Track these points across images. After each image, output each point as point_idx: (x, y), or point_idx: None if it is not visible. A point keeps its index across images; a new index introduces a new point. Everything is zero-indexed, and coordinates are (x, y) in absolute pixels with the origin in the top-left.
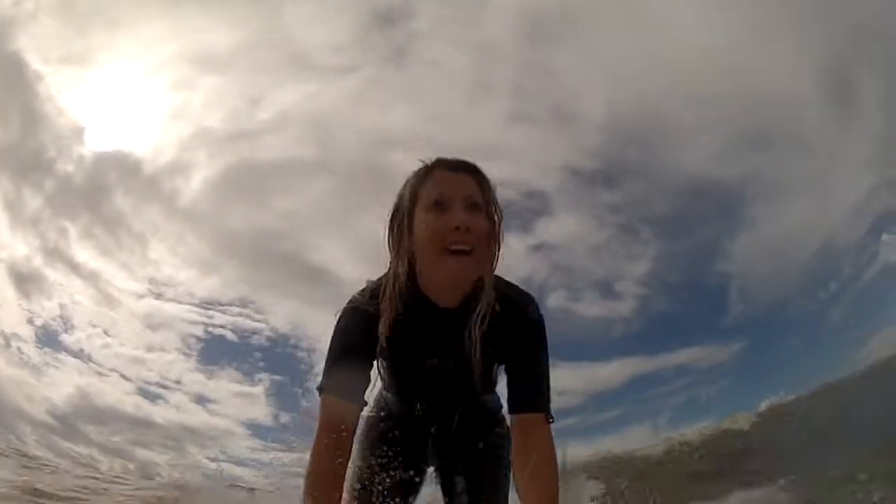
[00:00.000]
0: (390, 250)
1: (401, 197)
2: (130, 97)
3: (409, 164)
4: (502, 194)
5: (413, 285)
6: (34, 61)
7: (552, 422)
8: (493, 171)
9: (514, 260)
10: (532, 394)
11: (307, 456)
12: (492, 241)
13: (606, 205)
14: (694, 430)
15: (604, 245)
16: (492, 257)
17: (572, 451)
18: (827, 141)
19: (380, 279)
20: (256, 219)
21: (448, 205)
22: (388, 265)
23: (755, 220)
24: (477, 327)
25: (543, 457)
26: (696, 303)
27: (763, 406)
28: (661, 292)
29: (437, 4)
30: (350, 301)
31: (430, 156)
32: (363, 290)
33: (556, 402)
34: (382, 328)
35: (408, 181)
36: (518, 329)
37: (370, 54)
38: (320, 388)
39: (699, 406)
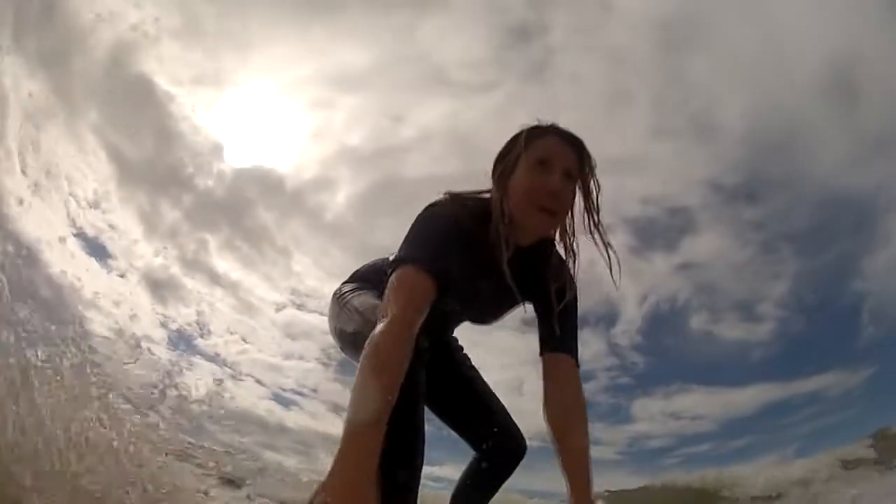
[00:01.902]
0: (495, 186)
1: (513, 142)
2: (268, 116)
3: None
4: (646, 211)
5: None
6: (163, 82)
7: (579, 368)
8: (636, 185)
9: (659, 279)
10: (568, 338)
11: (443, 471)
12: (573, 205)
13: (748, 221)
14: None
15: (746, 264)
16: (567, 218)
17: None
18: None
19: (473, 198)
20: (399, 233)
21: (550, 168)
22: (492, 198)
23: (889, 233)
24: (544, 267)
25: (575, 392)
26: (831, 325)
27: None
28: (798, 313)
29: (569, 15)
30: (450, 209)
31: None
32: (464, 205)
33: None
34: (477, 252)
35: (524, 131)
36: (565, 282)
37: (508, 70)
38: (405, 259)
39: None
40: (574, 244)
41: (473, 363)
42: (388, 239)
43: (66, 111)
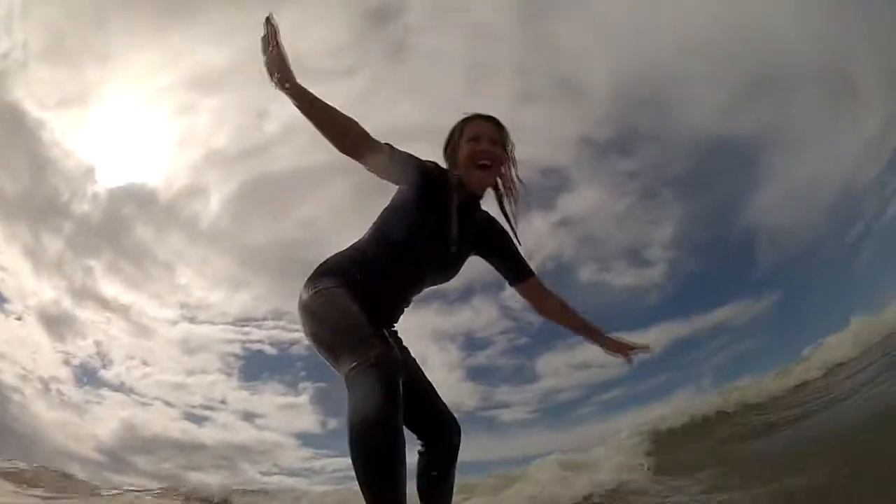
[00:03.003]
0: (447, 161)
1: (453, 131)
2: (135, 129)
3: (424, 154)
4: (520, 173)
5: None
6: (33, 109)
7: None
8: None
9: (540, 238)
10: (523, 264)
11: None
12: (504, 161)
13: (624, 172)
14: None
15: (627, 213)
16: (502, 169)
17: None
18: (835, 81)
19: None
20: (277, 231)
21: (479, 140)
22: (448, 169)
23: (773, 171)
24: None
25: (552, 297)
26: (726, 259)
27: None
28: (689, 254)
29: None
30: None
31: (438, 146)
32: (431, 162)
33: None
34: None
35: (458, 122)
36: (499, 226)
37: (369, 53)
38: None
39: (741, 364)
40: (512, 187)
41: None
42: (266, 237)
43: None
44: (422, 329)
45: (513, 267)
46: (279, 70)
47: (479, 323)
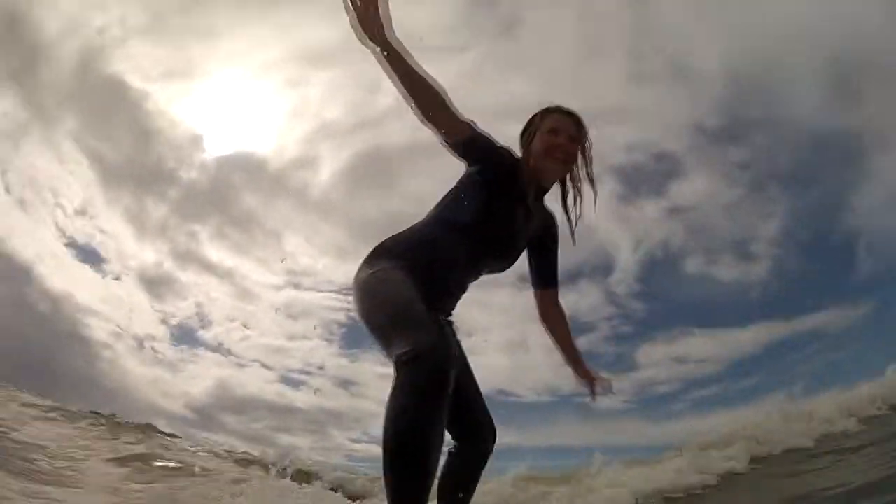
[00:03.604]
0: (522, 149)
1: (532, 120)
2: (244, 101)
3: None
4: (632, 158)
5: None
6: (135, 81)
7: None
8: (619, 133)
9: (651, 225)
10: (555, 275)
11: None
12: (578, 159)
13: (734, 162)
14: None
15: (736, 204)
16: (574, 165)
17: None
18: None
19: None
20: (386, 203)
21: (558, 133)
22: (521, 156)
23: (878, 170)
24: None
25: (561, 312)
26: (827, 261)
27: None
28: (792, 252)
29: None
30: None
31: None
32: (506, 148)
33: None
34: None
35: (539, 112)
36: (555, 230)
37: (478, 31)
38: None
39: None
40: (580, 188)
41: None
42: (375, 209)
43: (42, 123)
44: (526, 310)
45: (548, 272)
46: (375, 26)
47: (583, 307)
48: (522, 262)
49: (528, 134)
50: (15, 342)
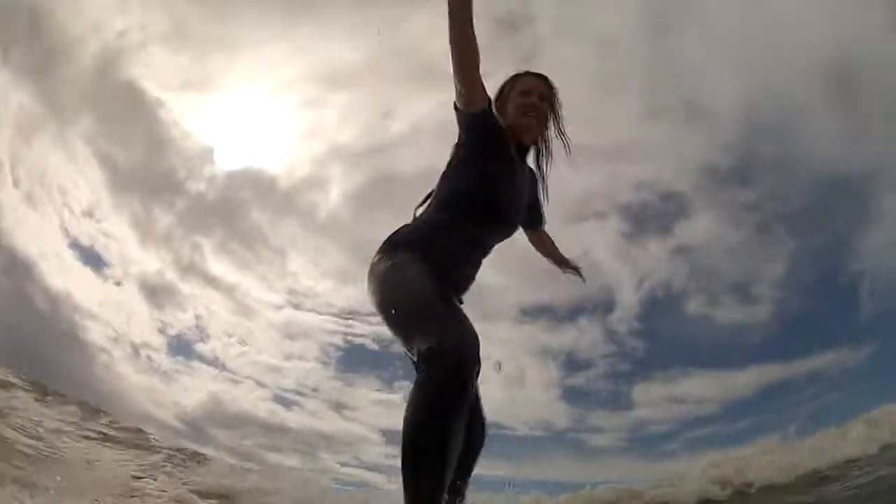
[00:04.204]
0: (498, 112)
1: (504, 85)
2: (259, 117)
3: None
4: (640, 196)
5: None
6: (152, 88)
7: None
8: (629, 171)
9: (654, 264)
10: (543, 215)
11: None
12: (549, 115)
13: (742, 203)
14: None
15: (741, 246)
16: (547, 123)
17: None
18: None
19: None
20: (395, 229)
21: (529, 94)
22: (498, 118)
23: (885, 211)
24: (542, 158)
25: (552, 244)
26: (829, 304)
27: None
28: (795, 294)
29: (555, 6)
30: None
31: (562, 159)
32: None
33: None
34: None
35: (509, 78)
36: (537, 179)
37: (497, 60)
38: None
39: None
40: (550, 143)
41: None
42: (383, 235)
43: (56, 121)
44: (525, 344)
45: (537, 215)
46: None
47: (583, 344)
48: (530, 301)
49: (501, 98)
50: (10, 335)
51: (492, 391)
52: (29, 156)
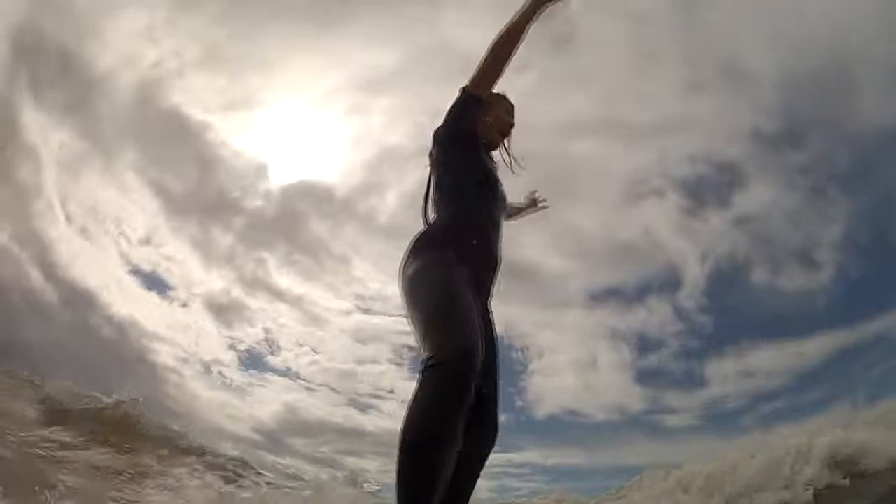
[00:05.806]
0: (485, 104)
1: (497, 94)
2: (306, 129)
3: (598, 150)
4: (695, 170)
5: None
6: (195, 112)
7: None
8: (679, 144)
9: (716, 237)
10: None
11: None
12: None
13: (794, 166)
14: None
15: (798, 211)
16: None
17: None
18: None
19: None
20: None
21: (510, 115)
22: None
23: None
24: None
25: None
26: (889, 263)
27: None
28: (855, 256)
29: None
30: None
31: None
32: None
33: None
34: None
35: (496, 93)
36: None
37: (534, 47)
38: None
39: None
40: (510, 148)
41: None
42: None
43: (101, 155)
44: (596, 329)
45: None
46: None
47: (653, 323)
48: (598, 285)
49: (492, 100)
50: (76, 365)
51: (566, 380)
52: (77, 191)
